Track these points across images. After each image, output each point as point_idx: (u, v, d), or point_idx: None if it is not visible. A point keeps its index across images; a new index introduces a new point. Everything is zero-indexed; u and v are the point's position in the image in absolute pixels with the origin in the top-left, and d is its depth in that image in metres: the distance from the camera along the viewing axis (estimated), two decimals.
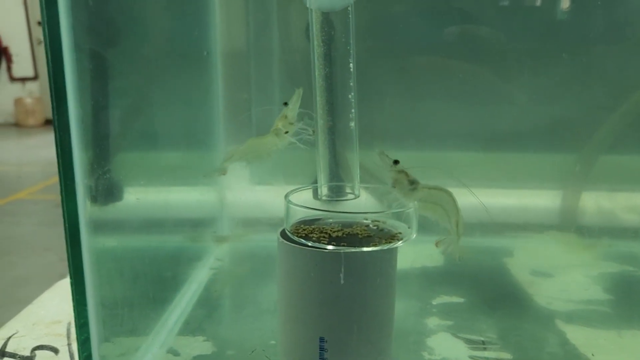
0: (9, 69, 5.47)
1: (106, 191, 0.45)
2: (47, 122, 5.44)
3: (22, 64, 5.44)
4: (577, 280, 0.68)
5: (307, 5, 0.42)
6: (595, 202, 0.72)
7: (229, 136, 0.77)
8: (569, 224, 0.74)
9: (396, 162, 0.43)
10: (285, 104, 0.46)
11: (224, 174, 0.52)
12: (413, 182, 0.43)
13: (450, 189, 0.45)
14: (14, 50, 5.40)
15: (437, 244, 0.45)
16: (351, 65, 0.43)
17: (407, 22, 0.67)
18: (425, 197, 0.43)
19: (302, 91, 0.46)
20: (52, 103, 0.38)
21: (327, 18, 0.43)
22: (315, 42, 0.43)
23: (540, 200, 0.75)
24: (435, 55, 0.68)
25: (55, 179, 3.26)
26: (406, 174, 0.43)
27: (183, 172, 0.66)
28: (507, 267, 0.71)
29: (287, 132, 0.46)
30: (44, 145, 4.42)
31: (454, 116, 0.71)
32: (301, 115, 0.47)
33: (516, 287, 0.66)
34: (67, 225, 0.41)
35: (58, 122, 0.39)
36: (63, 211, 0.41)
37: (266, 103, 0.75)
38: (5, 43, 5.38)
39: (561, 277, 0.69)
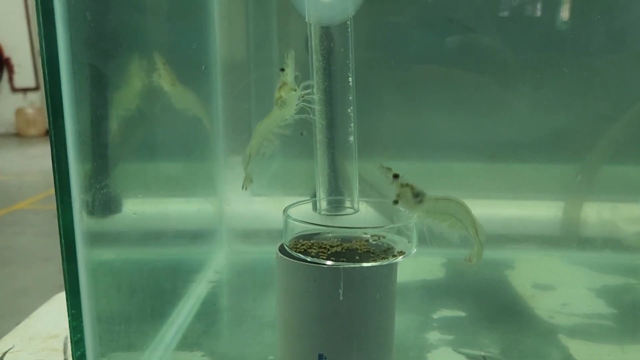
0: (10, 79, 5.49)
1: (104, 204, 0.45)
2: (48, 133, 5.44)
3: (24, 75, 5.46)
4: (579, 294, 0.67)
5: (306, 20, 0.42)
6: (597, 213, 0.72)
7: (229, 147, 0.77)
8: (570, 235, 0.74)
9: (396, 175, 0.42)
10: (282, 70, 0.44)
11: (251, 182, 0.50)
12: (418, 195, 0.42)
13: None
14: (15, 60, 5.43)
15: (468, 260, 0.44)
16: (350, 79, 0.43)
17: (408, 32, 0.67)
18: (432, 208, 0.42)
19: (294, 53, 0.43)
20: (48, 118, 0.38)
21: (326, 32, 0.42)
22: (315, 56, 0.42)
23: (542, 211, 0.75)
24: (436, 66, 0.68)
25: None
26: (411, 187, 0.42)
27: (182, 184, 0.66)
28: (509, 280, 0.70)
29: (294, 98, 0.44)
30: (45, 155, 4.42)
31: (455, 127, 0.70)
32: (297, 79, 0.45)
33: (518, 301, 0.65)
34: (63, 240, 0.41)
35: (55, 137, 0.39)
36: (59, 226, 0.40)
37: (266, 112, 0.75)
38: (7, 54, 5.40)
39: (563, 290, 0.68)
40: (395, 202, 0.41)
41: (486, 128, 0.71)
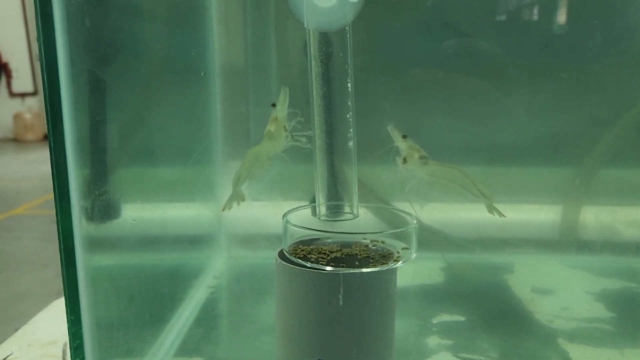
0: (8, 84, 5.49)
1: (103, 210, 0.45)
2: (46, 138, 5.42)
3: (22, 80, 5.47)
4: (578, 297, 0.67)
5: (305, 26, 0.42)
6: (596, 217, 0.72)
7: (227, 152, 0.77)
8: (569, 239, 0.74)
9: (405, 136, 0.44)
10: (274, 105, 0.45)
11: (243, 200, 0.52)
12: (423, 157, 0.44)
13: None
14: (13, 65, 5.43)
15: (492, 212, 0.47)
16: (349, 84, 0.43)
17: (406, 37, 0.67)
18: (435, 172, 0.44)
19: (288, 90, 0.45)
20: (47, 124, 0.38)
21: (324, 37, 0.42)
22: (313, 62, 0.43)
23: (540, 215, 0.75)
24: (434, 70, 0.68)
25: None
26: (417, 150, 0.44)
27: (180, 189, 0.66)
28: (508, 284, 0.70)
29: (286, 132, 0.46)
30: (43, 161, 4.42)
31: (453, 131, 0.70)
32: (291, 115, 0.46)
33: (517, 305, 0.65)
34: (62, 245, 0.41)
35: (54, 143, 0.39)
36: (58, 232, 0.40)
37: (264, 117, 0.75)
38: (5, 59, 5.40)
39: (562, 294, 0.68)
40: (404, 160, 0.43)
41: (484, 132, 0.71)
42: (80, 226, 0.41)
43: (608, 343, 0.58)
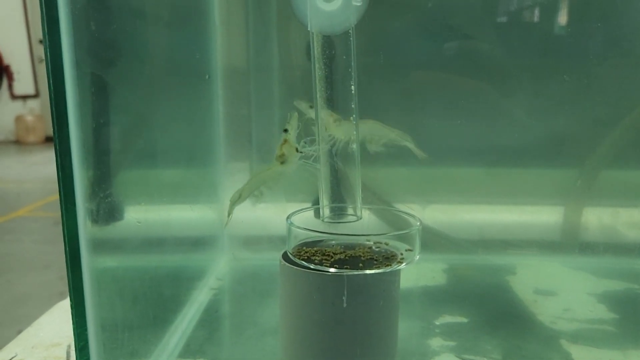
0: (10, 86, 5.50)
1: (108, 212, 0.45)
2: (48, 140, 5.46)
3: (23, 82, 5.47)
4: (581, 299, 0.67)
5: (308, 29, 0.42)
6: (598, 218, 0.72)
7: (230, 154, 0.77)
8: (571, 241, 0.74)
9: (311, 106, 0.46)
10: (286, 130, 0.46)
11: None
12: (337, 119, 0.46)
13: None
14: (15, 68, 5.44)
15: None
16: (352, 87, 0.43)
17: (408, 39, 0.68)
18: (352, 128, 0.45)
19: (297, 115, 0.46)
20: (53, 127, 0.38)
21: (327, 40, 0.43)
22: (317, 65, 0.43)
23: (543, 216, 0.75)
24: (436, 71, 0.68)
25: (55, 196, 3.26)
26: (330, 114, 0.46)
27: (184, 191, 0.66)
28: (510, 286, 0.70)
29: (298, 151, 0.47)
30: (44, 163, 4.43)
31: (455, 133, 0.71)
32: (299, 138, 0.47)
33: (519, 306, 0.65)
34: (67, 248, 0.41)
35: (59, 146, 0.39)
36: (63, 234, 0.41)
37: (266, 119, 0.76)
38: (6, 61, 5.41)
39: (565, 296, 0.68)
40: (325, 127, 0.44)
41: (486, 134, 0.72)
42: (85, 228, 0.41)
43: (610, 344, 0.58)
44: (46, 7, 0.37)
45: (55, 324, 0.66)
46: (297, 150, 0.46)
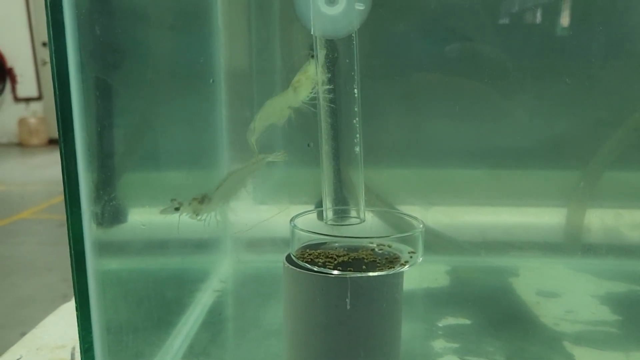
0: (13, 89, 5.51)
1: (113, 214, 0.45)
2: (51, 142, 5.47)
3: (26, 84, 5.49)
4: (583, 301, 0.67)
5: (312, 33, 0.42)
6: (600, 220, 0.72)
7: (233, 155, 0.77)
8: (574, 242, 0.74)
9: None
10: (312, 56, 0.44)
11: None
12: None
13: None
14: (18, 70, 5.45)
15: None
16: (355, 90, 0.43)
17: (410, 41, 0.68)
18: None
19: (325, 52, 0.44)
20: (58, 130, 0.38)
21: (331, 43, 0.43)
22: (320, 68, 0.43)
23: (545, 218, 0.75)
24: (438, 73, 0.68)
25: (58, 199, 3.27)
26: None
27: (187, 192, 0.66)
28: (513, 288, 0.70)
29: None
30: (48, 165, 4.44)
31: (458, 135, 0.71)
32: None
33: (522, 308, 0.65)
34: (72, 250, 0.41)
35: (65, 149, 0.39)
36: (69, 236, 0.41)
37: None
38: (10, 63, 5.43)
39: (567, 297, 0.68)
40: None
41: (489, 135, 0.72)
42: (90, 231, 0.41)
43: (613, 346, 0.58)
44: (51, 10, 0.37)
45: (60, 326, 0.67)
46: (313, 83, 0.45)
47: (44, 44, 5.18)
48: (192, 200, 0.50)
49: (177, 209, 0.50)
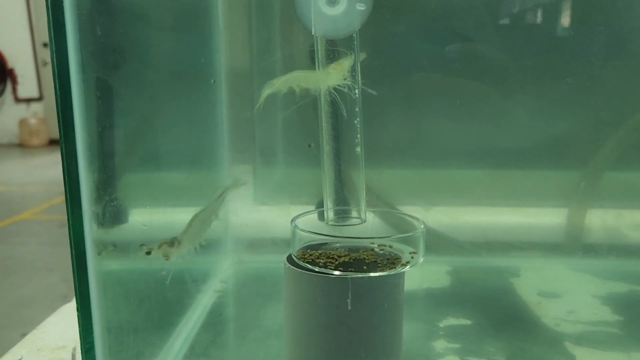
0: (14, 89, 5.52)
1: (113, 215, 0.45)
2: (51, 143, 5.47)
3: (27, 85, 5.49)
4: (584, 301, 0.67)
5: (313, 33, 0.42)
6: (601, 220, 0.72)
7: (233, 155, 0.77)
8: (574, 243, 0.74)
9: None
10: (351, 53, 0.44)
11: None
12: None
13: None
14: (19, 71, 5.46)
15: None
16: (356, 91, 0.43)
17: (410, 41, 0.68)
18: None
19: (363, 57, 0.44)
20: (59, 131, 0.38)
21: (332, 44, 0.43)
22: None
23: (546, 218, 0.75)
24: (438, 74, 0.68)
25: (58, 199, 3.27)
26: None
27: (188, 193, 0.66)
28: (514, 288, 0.70)
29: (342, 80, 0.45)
30: (48, 166, 4.45)
31: (459, 135, 0.71)
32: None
33: (523, 309, 0.65)
34: (73, 250, 0.41)
35: (65, 149, 0.39)
36: (70, 237, 0.41)
37: (270, 123, 0.76)
38: (10, 64, 5.44)
39: (569, 298, 0.68)
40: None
41: (490, 136, 0.72)
42: (91, 231, 0.41)
43: (615, 346, 0.58)
44: (52, 10, 0.37)
45: (61, 326, 0.67)
46: (344, 77, 0.44)
47: (45, 45, 5.19)
48: (162, 243, 0.51)
49: (148, 254, 0.50)
